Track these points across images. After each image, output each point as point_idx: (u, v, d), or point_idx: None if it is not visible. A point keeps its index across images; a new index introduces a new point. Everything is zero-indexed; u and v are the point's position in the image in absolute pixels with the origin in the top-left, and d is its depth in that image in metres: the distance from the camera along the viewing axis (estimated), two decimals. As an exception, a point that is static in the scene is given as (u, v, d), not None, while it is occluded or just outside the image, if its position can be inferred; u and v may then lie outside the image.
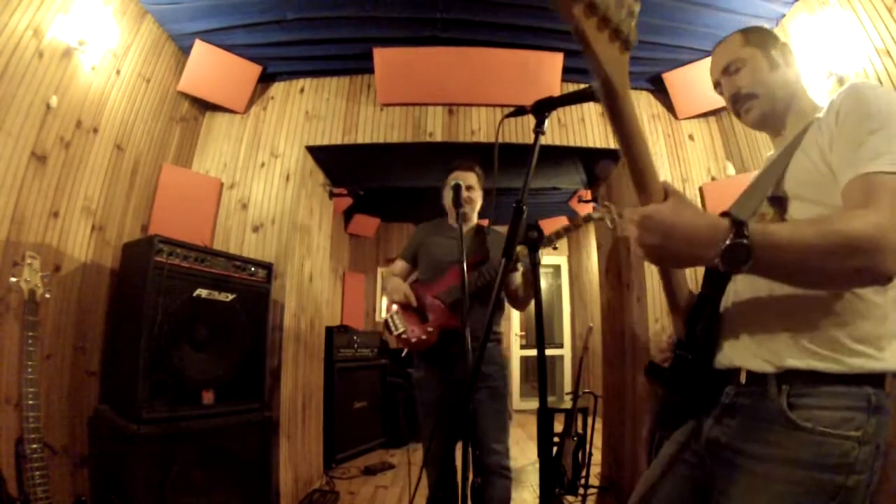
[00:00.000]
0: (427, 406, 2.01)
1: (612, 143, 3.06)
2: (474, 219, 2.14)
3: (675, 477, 0.96)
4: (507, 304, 2.13)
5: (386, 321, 2.08)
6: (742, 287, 0.90)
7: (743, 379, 0.85)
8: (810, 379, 0.76)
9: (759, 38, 1.02)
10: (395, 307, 2.08)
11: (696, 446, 0.94)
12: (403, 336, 2.02)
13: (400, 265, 2.21)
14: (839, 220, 0.66)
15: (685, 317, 0.95)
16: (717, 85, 1.08)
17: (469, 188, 2.04)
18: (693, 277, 1.07)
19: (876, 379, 0.75)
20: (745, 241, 0.62)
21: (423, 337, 1.98)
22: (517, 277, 1.99)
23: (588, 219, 2.01)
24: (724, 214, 0.67)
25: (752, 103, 1.00)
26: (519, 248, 1.91)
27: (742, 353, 0.85)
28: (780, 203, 0.86)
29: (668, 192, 0.70)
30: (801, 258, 0.65)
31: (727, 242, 0.62)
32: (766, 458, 0.77)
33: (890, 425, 0.76)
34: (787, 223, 0.70)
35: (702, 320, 0.91)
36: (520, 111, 1.08)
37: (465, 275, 1.63)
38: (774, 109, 0.99)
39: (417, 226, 2.29)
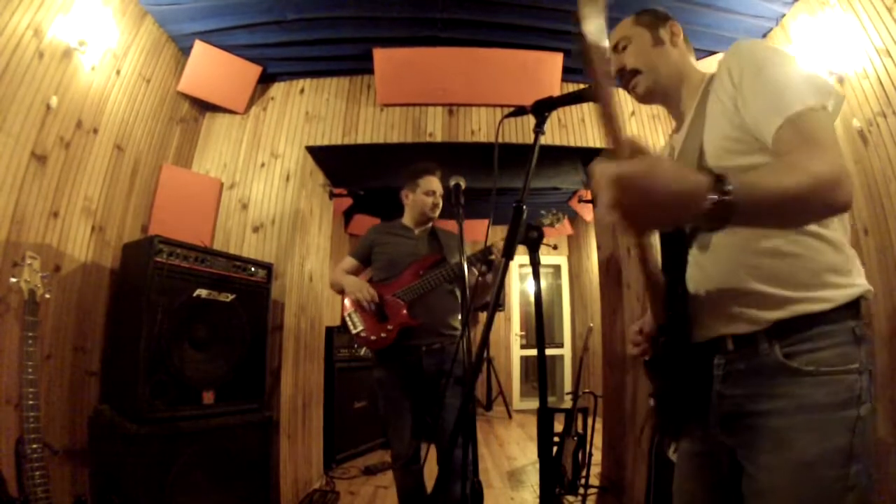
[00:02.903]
0: (393, 402, 2.02)
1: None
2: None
3: (706, 487, 0.93)
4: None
5: (344, 319, 2.10)
6: (706, 260, 0.88)
7: (731, 346, 0.83)
8: (798, 325, 0.76)
9: (648, 18, 1.06)
10: (347, 303, 2.10)
11: (706, 445, 0.91)
12: (362, 335, 2.04)
13: (350, 262, 2.23)
14: (806, 164, 0.67)
15: (664, 299, 0.91)
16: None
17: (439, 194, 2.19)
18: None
19: (854, 309, 0.77)
20: (728, 196, 0.59)
21: (383, 335, 2.00)
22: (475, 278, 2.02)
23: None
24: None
25: (637, 79, 1.03)
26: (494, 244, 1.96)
27: (722, 322, 0.84)
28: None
29: (635, 149, 0.66)
30: (781, 204, 0.65)
31: (712, 199, 0.59)
32: (783, 412, 0.76)
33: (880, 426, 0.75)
34: (758, 173, 0.67)
35: (677, 299, 0.88)
36: (520, 111, 1.08)
37: (467, 280, 1.68)
38: (659, 83, 1.02)
39: (369, 228, 2.32)
